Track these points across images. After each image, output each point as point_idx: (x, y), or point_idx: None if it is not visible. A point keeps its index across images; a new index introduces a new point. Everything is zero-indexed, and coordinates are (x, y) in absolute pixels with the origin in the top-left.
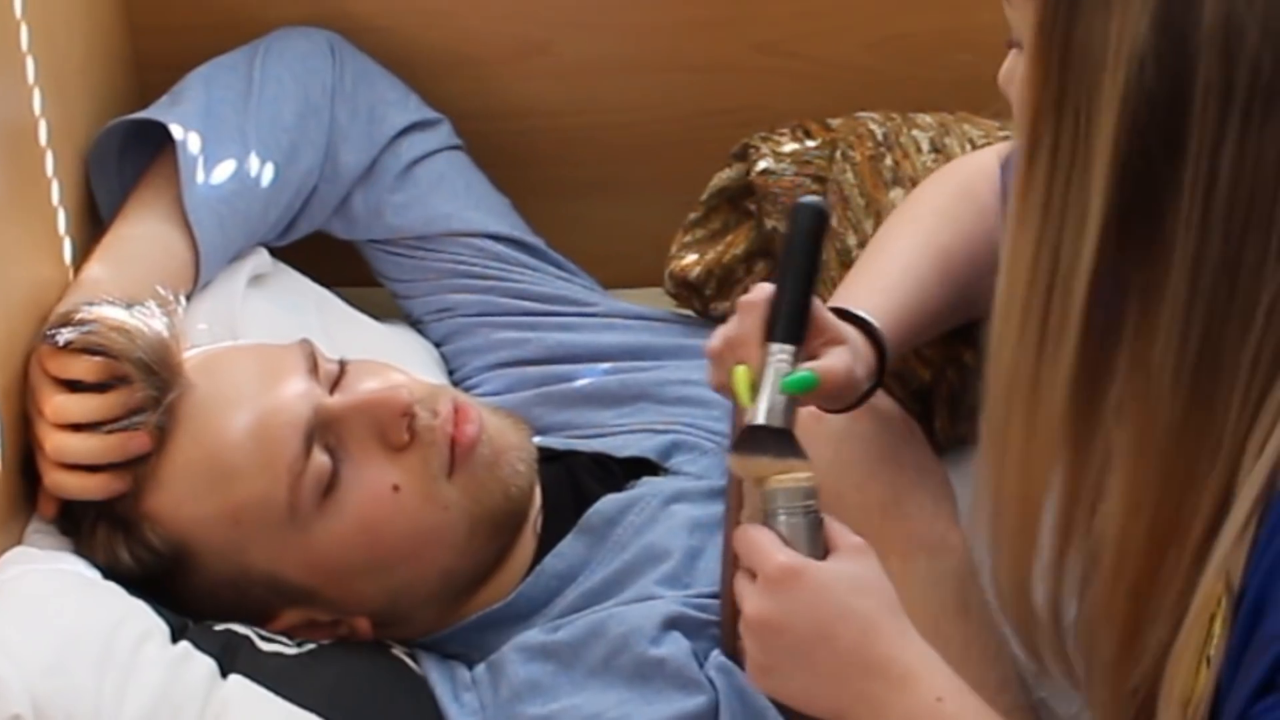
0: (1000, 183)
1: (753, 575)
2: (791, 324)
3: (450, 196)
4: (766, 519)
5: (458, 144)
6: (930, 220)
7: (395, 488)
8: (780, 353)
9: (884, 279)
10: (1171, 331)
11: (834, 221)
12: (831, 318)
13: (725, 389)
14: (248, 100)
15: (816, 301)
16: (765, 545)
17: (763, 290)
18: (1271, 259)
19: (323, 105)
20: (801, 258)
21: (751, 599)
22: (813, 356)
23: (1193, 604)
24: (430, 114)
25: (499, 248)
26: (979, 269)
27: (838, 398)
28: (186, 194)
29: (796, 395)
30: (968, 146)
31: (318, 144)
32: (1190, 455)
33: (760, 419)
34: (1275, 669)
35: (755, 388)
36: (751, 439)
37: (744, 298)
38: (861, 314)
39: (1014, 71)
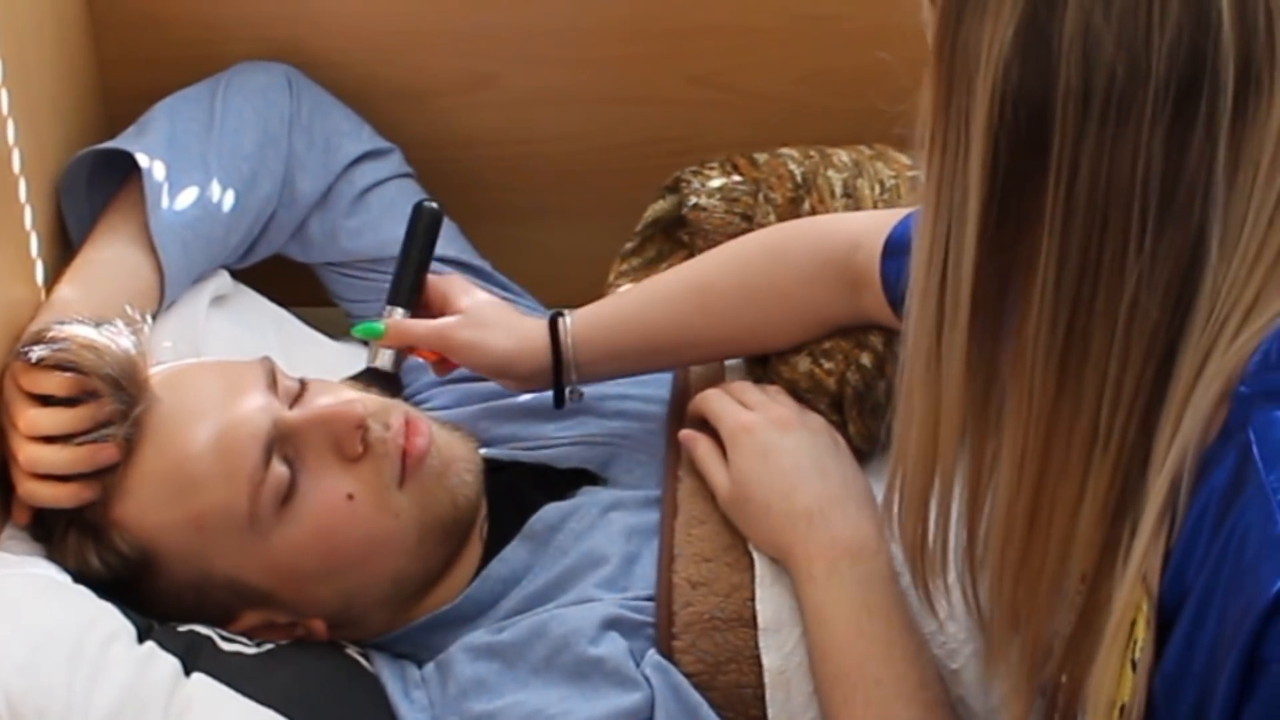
0: (880, 260)
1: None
2: (398, 292)
3: (401, 221)
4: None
5: (408, 172)
6: (715, 267)
7: (350, 496)
8: (390, 313)
9: (613, 299)
10: (1041, 320)
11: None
12: (458, 299)
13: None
14: (210, 131)
15: (444, 281)
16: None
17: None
18: (1130, 255)
19: (281, 135)
20: (415, 246)
21: (775, 406)
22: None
23: (1113, 611)
24: (382, 144)
25: (447, 270)
26: (760, 314)
27: (448, 356)
28: (152, 219)
29: (369, 339)
30: (877, 188)
31: (276, 172)
32: (1062, 444)
33: (372, 364)
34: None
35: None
36: (367, 377)
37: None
38: (565, 312)
39: None
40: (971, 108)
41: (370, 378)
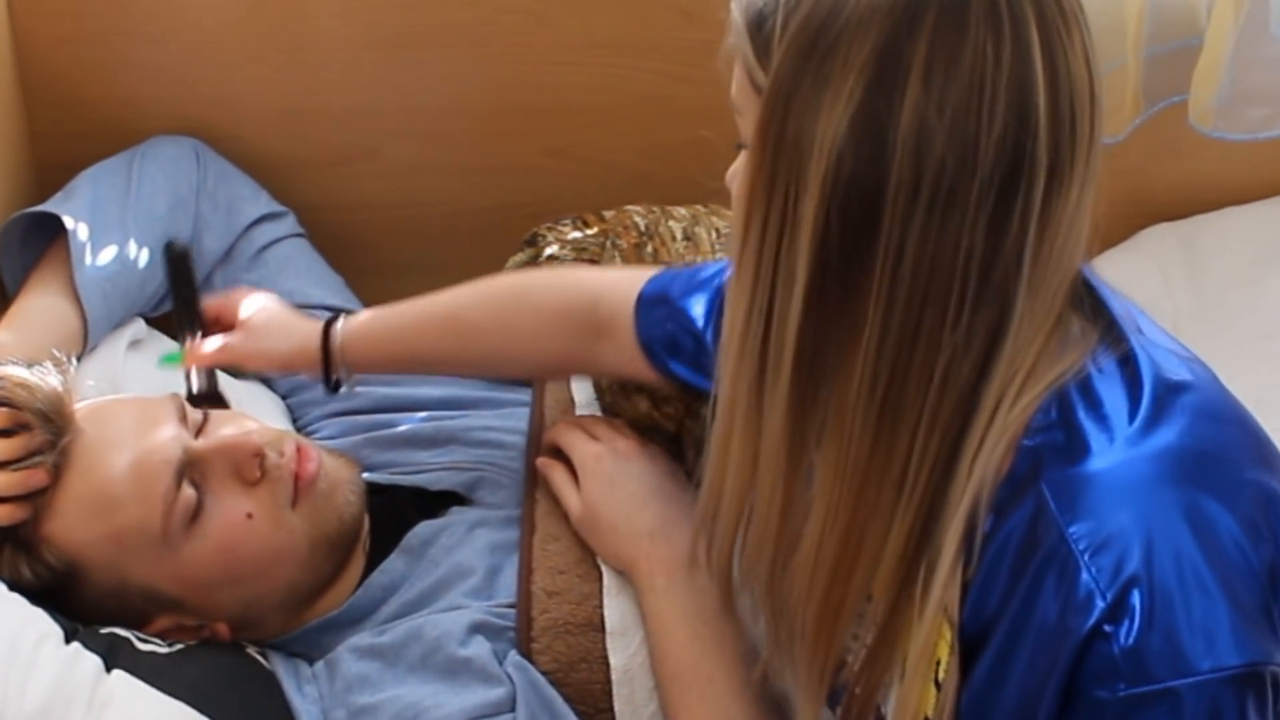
0: (635, 306)
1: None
2: (180, 325)
3: (294, 275)
4: None
5: (301, 232)
6: (472, 299)
7: (249, 515)
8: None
9: (400, 312)
10: (863, 381)
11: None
12: (231, 312)
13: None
14: (127, 196)
15: (224, 300)
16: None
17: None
18: (948, 329)
19: (189, 200)
20: (177, 280)
21: (619, 438)
22: None
23: (918, 637)
24: (278, 207)
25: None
26: (502, 346)
27: (239, 368)
28: (77, 274)
29: (175, 365)
30: (714, 234)
31: (185, 232)
32: (874, 489)
33: (193, 390)
34: (1067, 680)
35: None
36: (196, 401)
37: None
38: (334, 324)
39: (738, 170)
40: (800, 190)
41: (199, 401)
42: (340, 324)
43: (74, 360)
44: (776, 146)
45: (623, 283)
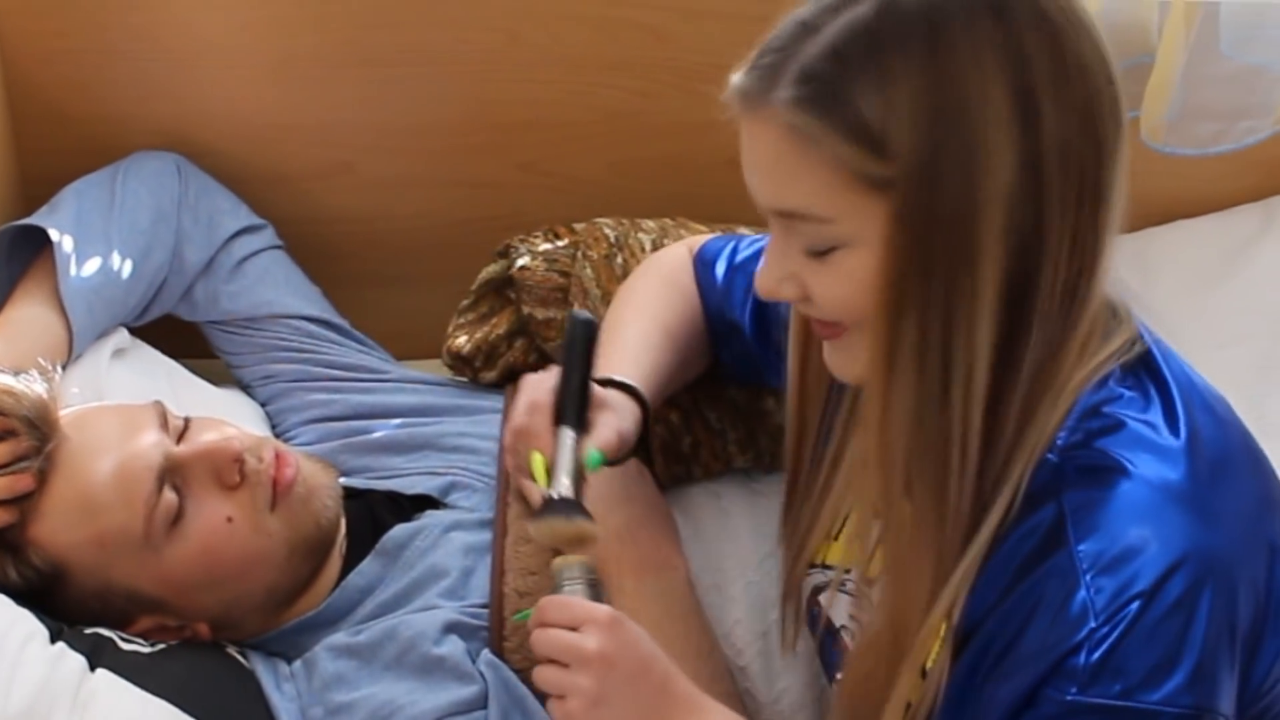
0: (694, 269)
1: (571, 630)
2: (577, 414)
3: (273, 286)
4: (558, 585)
5: (279, 244)
6: (651, 306)
7: (229, 519)
8: (568, 437)
9: (630, 353)
10: (1021, 387)
11: (576, 307)
12: (600, 392)
13: (522, 471)
14: (111, 210)
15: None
16: (585, 601)
17: (544, 390)
18: (1095, 286)
19: (171, 214)
20: (580, 360)
21: (590, 640)
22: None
23: (921, 631)
24: (257, 220)
25: (311, 327)
26: (690, 339)
27: (616, 456)
28: (62, 285)
29: (591, 469)
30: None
31: (167, 244)
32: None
33: (562, 493)
34: (1036, 684)
35: (549, 468)
36: (552, 508)
37: (529, 397)
38: (628, 381)
39: (796, 272)
40: (974, 261)
41: (561, 509)
42: (641, 391)
43: (59, 368)
44: (927, 232)
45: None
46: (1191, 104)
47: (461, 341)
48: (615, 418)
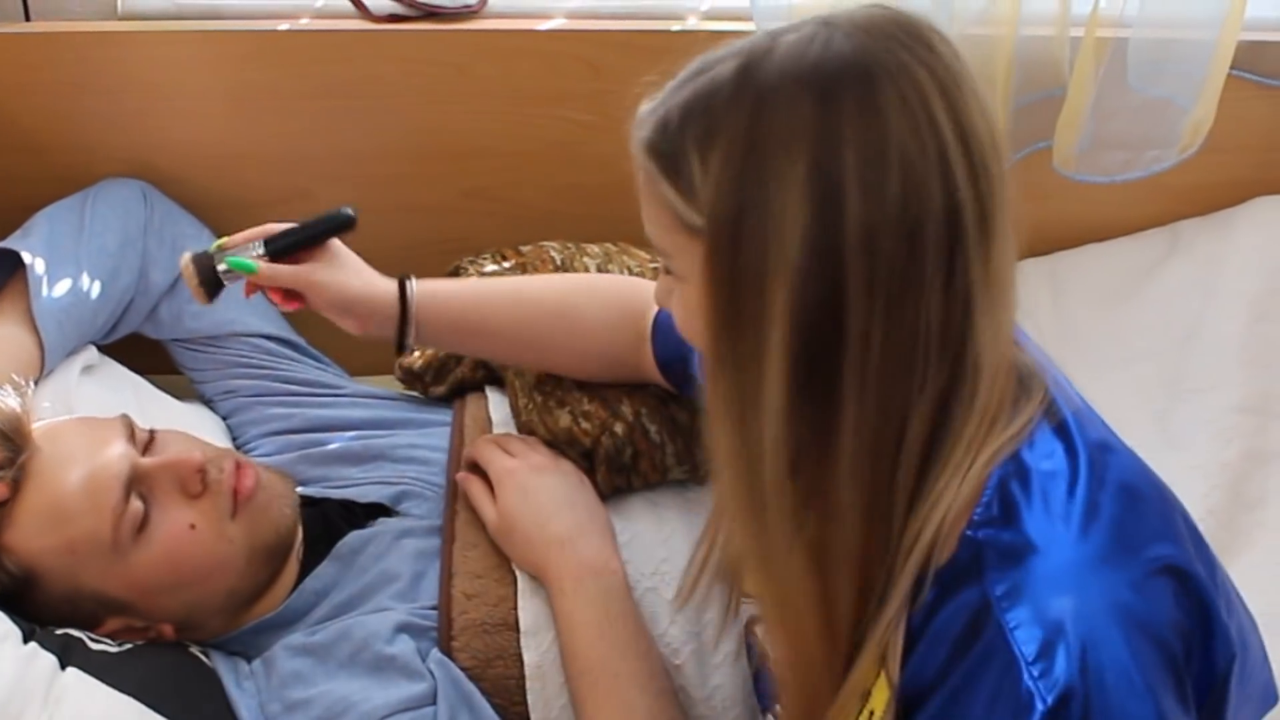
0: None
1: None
2: (278, 243)
3: (234, 306)
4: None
5: None
6: (540, 282)
7: (192, 526)
8: (257, 248)
9: (468, 285)
10: (845, 463)
11: None
12: (335, 254)
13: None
14: (81, 233)
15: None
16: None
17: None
18: (914, 395)
19: (138, 237)
20: (319, 225)
21: (533, 454)
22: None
23: (847, 683)
24: None
25: (270, 345)
26: (563, 328)
27: (305, 294)
28: (34, 305)
29: (239, 270)
30: (626, 273)
31: (134, 267)
32: (862, 556)
33: (219, 267)
34: None
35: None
36: (201, 262)
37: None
38: (408, 280)
39: (669, 292)
40: (764, 322)
41: (206, 271)
42: (413, 282)
43: (32, 384)
44: (733, 281)
45: None
46: (1101, 134)
47: (414, 358)
48: (320, 266)
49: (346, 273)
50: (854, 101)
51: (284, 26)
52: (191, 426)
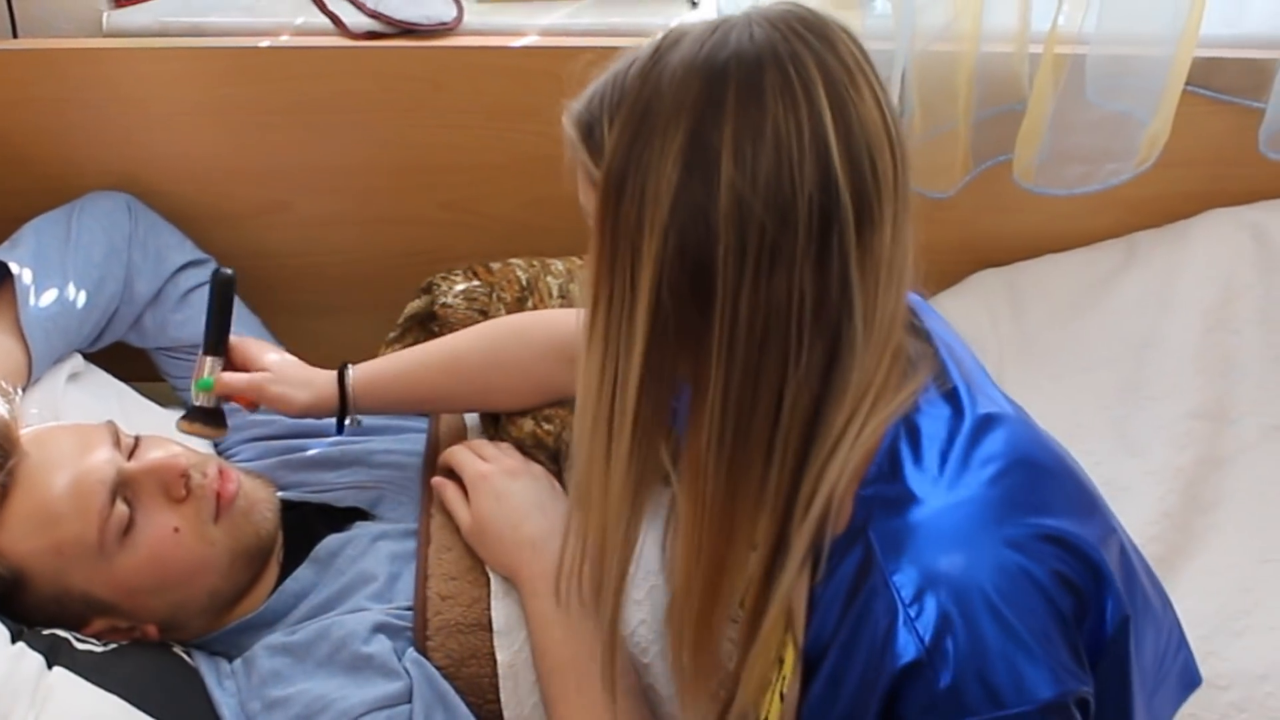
0: None
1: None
2: (209, 344)
3: None
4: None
5: None
6: (472, 337)
7: (176, 529)
8: (204, 361)
9: (402, 358)
10: (711, 429)
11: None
12: (259, 357)
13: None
14: (67, 244)
15: (244, 341)
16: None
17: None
18: (790, 366)
19: (122, 248)
20: (218, 305)
21: (505, 459)
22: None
23: (755, 643)
24: (201, 254)
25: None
26: (499, 375)
27: (260, 403)
28: (22, 314)
29: (201, 390)
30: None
31: (119, 277)
32: (733, 513)
33: (197, 404)
34: (892, 700)
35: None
36: (195, 414)
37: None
38: (346, 369)
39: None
40: (637, 268)
41: (197, 414)
42: (351, 373)
43: (19, 391)
44: (613, 231)
45: None
46: (1060, 148)
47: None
48: (271, 380)
49: (295, 386)
50: (739, 83)
51: (265, 43)
52: (175, 433)
